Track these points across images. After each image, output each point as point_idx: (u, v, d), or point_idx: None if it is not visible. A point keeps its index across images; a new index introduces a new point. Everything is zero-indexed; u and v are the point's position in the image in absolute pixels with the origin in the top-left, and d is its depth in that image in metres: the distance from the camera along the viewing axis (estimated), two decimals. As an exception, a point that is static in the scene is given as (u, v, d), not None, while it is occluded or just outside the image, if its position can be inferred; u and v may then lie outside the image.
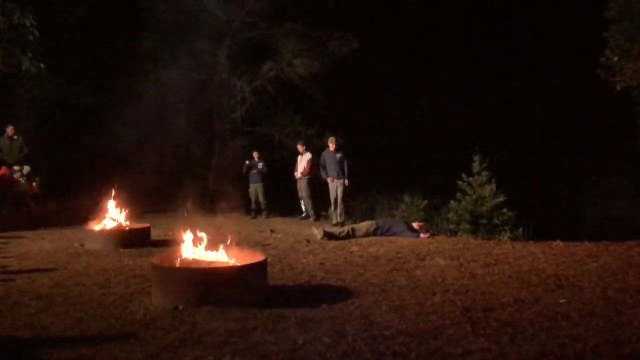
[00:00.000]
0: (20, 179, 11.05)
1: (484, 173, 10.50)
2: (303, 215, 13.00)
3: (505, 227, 10.00)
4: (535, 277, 5.77)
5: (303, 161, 12.90)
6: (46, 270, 6.46)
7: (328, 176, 11.81)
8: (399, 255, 7.32)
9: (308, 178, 12.77)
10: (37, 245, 8.42)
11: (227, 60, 17.94)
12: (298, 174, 12.85)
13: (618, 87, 11.76)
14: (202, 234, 5.37)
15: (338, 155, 11.74)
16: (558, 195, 20.21)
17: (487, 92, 23.13)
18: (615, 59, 11.56)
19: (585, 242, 7.91)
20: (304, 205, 13.01)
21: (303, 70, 17.87)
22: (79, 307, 4.76)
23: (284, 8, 17.24)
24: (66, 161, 14.78)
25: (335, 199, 11.74)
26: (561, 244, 7.89)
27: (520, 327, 4.02)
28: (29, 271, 6.39)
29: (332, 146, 11.91)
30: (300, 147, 13.19)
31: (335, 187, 11.71)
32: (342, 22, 18.18)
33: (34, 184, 11.35)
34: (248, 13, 17.57)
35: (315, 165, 12.97)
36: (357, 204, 15.43)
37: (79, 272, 6.37)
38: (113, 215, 8.98)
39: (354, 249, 7.94)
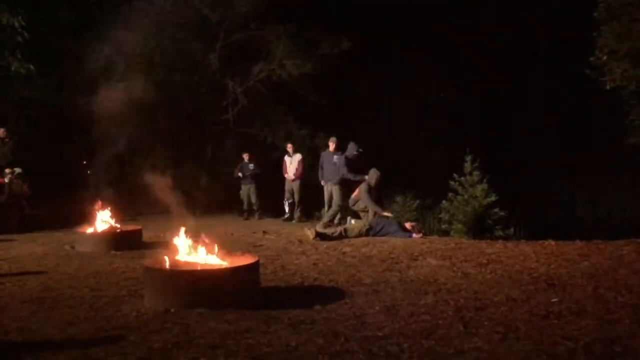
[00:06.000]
0: (6, 180, 10.93)
1: (476, 173, 10.54)
2: (286, 216, 12.95)
3: (497, 227, 10.05)
4: (527, 276, 5.80)
5: (294, 162, 12.80)
6: (37, 273, 6.42)
7: (322, 178, 11.77)
8: (391, 255, 7.32)
9: (300, 180, 12.70)
10: (27, 248, 8.36)
11: (218, 61, 17.91)
12: (291, 175, 12.73)
13: (607, 87, 11.86)
14: (195, 236, 5.35)
15: (335, 157, 11.68)
16: (549, 194, 20.32)
17: (479, 92, 23.24)
18: (605, 58, 11.65)
19: (577, 241, 7.94)
20: (288, 206, 12.97)
21: (294, 71, 17.87)
22: (70, 310, 4.73)
23: (275, 9, 17.24)
24: (57, 163, 14.69)
25: (330, 200, 11.71)
26: (553, 243, 7.91)
27: (513, 326, 4.04)
28: (19, 274, 6.34)
29: (331, 146, 11.85)
30: (290, 148, 13.07)
31: (330, 189, 11.68)
32: (333, 23, 18.21)
33: (24, 185, 11.27)
34: (239, 14, 17.55)
35: (306, 166, 12.93)
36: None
37: (70, 274, 6.33)
38: (104, 217, 8.94)
39: (347, 249, 7.94)
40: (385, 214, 9.47)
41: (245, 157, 13.68)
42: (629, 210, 16.40)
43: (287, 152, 13.03)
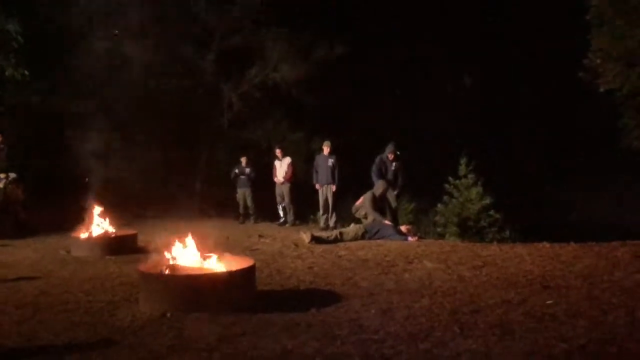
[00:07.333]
0: (0, 185, 10.87)
1: (470, 176, 10.57)
2: (281, 220, 12.92)
3: (492, 229, 10.06)
4: (522, 279, 5.81)
5: (284, 166, 12.77)
6: (32, 278, 6.39)
7: (317, 182, 11.79)
8: (387, 258, 7.32)
9: (290, 183, 12.69)
10: (22, 253, 8.32)
11: (213, 65, 17.92)
12: (280, 178, 12.71)
13: (601, 90, 11.90)
14: (190, 240, 5.34)
15: (330, 160, 11.71)
16: (544, 197, 20.38)
17: (474, 96, 23.32)
18: (598, 61, 11.69)
19: (571, 244, 7.96)
20: (282, 210, 12.94)
21: (289, 75, 17.89)
22: (66, 315, 4.71)
23: (269, 13, 17.27)
24: (51, 168, 14.63)
25: (325, 204, 11.73)
26: (547, 245, 7.93)
27: (508, 328, 4.05)
28: (14, 279, 6.32)
29: (326, 150, 11.87)
30: (278, 152, 13.06)
31: (325, 192, 11.70)
32: (329, 27, 18.26)
33: (19, 190, 11.21)
34: (234, 18, 17.58)
35: (296, 169, 12.91)
36: (346, 208, 15.43)
37: (65, 279, 6.31)
38: (99, 222, 8.91)
39: (343, 252, 7.94)
40: (386, 222, 9.46)
41: (243, 160, 13.65)
42: (624, 212, 16.46)
43: (276, 157, 13.01)
